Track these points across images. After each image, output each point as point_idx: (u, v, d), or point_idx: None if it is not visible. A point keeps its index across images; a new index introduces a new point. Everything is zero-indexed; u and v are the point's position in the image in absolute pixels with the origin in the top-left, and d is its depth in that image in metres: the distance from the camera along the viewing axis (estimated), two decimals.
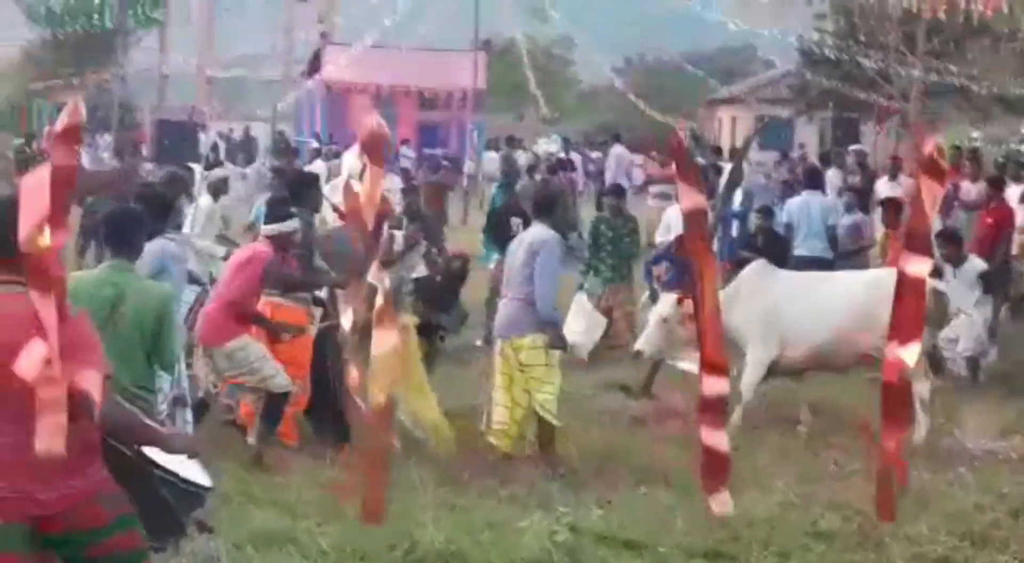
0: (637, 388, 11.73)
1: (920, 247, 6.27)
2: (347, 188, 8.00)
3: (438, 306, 11.57)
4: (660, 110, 43.16)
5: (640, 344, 10.81)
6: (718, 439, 5.87)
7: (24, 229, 4.09)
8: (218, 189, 13.63)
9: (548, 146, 35.11)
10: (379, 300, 5.75)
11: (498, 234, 14.52)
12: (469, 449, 9.38)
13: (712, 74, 48.69)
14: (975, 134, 34.44)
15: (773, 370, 10.47)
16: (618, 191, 14.94)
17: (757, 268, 10.97)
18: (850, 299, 10.37)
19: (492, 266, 14.35)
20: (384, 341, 5.40)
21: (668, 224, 13.62)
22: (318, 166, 25.58)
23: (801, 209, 14.63)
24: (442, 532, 7.18)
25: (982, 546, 7.50)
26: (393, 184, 14.48)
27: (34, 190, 4.12)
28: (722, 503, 6.69)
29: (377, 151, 6.35)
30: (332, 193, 14.02)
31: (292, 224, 9.36)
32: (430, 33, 40.21)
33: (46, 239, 4.09)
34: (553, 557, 6.95)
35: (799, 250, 14.08)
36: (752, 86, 52.07)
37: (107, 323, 6.12)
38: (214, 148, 38.41)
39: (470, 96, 40.03)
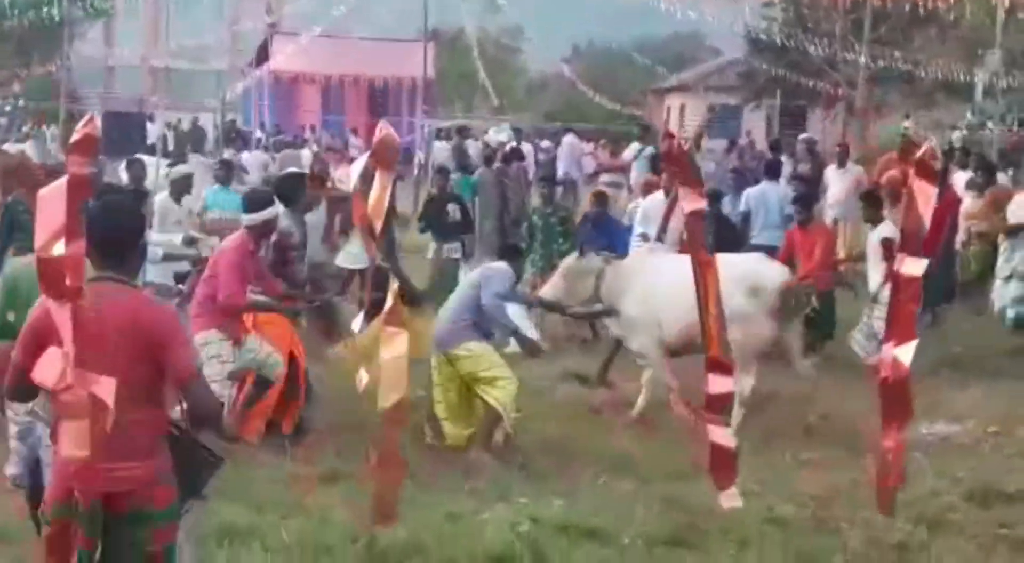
0: (593, 378, 11.79)
1: (914, 247, 6.39)
2: (356, 194, 8.06)
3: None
4: (609, 98, 43.34)
5: (543, 291, 11.04)
6: (724, 436, 5.94)
7: (40, 238, 4.26)
8: (181, 189, 12.75)
9: (498, 135, 35.06)
10: (388, 302, 5.78)
11: (435, 222, 14.64)
12: (425, 442, 9.46)
13: (661, 62, 48.90)
14: (906, 124, 34.70)
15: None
16: (549, 182, 15.06)
17: (642, 251, 11.14)
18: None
19: (432, 255, 14.48)
20: (394, 343, 5.46)
21: (646, 214, 13.67)
22: (250, 157, 25.49)
23: (759, 199, 14.73)
24: (404, 525, 7.21)
25: (938, 531, 7.61)
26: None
27: (51, 200, 4.27)
28: (731, 498, 6.78)
29: (387, 157, 6.42)
30: None
31: (272, 211, 9.32)
32: (379, 23, 40.16)
33: (61, 247, 4.22)
34: (515, 548, 6.99)
35: (757, 239, 14.14)
36: (701, 74, 52.39)
37: None
38: (162, 139, 38.24)
39: (420, 86, 39.96)
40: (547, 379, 11.61)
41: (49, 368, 4.28)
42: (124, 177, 14.19)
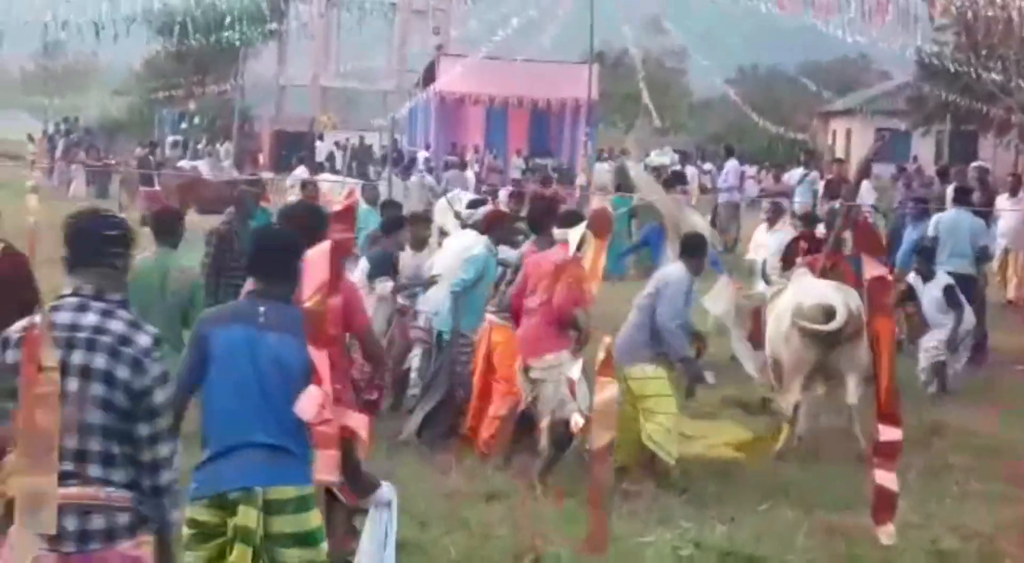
0: (755, 404, 11.73)
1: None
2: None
3: None
4: (773, 121, 42.95)
5: None
6: (889, 480, 6.04)
7: (307, 293, 5.09)
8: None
9: (660, 158, 35.04)
10: (601, 353, 6.04)
11: None
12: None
13: (827, 85, 48.27)
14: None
15: None
16: None
17: None
18: None
19: None
20: (606, 390, 5.78)
21: (757, 242, 13.68)
22: (416, 182, 25.81)
23: (950, 225, 14.21)
24: (566, 545, 7.30)
25: None
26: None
27: (317, 259, 5.05)
28: (888, 534, 6.89)
29: (601, 227, 6.79)
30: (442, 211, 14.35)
31: (583, 227, 9.50)
32: (543, 45, 40.41)
33: (325, 301, 4.84)
34: None
35: (946, 266, 13.49)
36: (868, 98, 51.51)
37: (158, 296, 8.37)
38: (330, 157, 39.11)
39: (583, 107, 40.08)
40: (709, 405, 11.56)
41: (310, 404, 4.79)
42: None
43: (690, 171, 29.86)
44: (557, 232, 9.44)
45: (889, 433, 5.78)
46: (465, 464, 9.22)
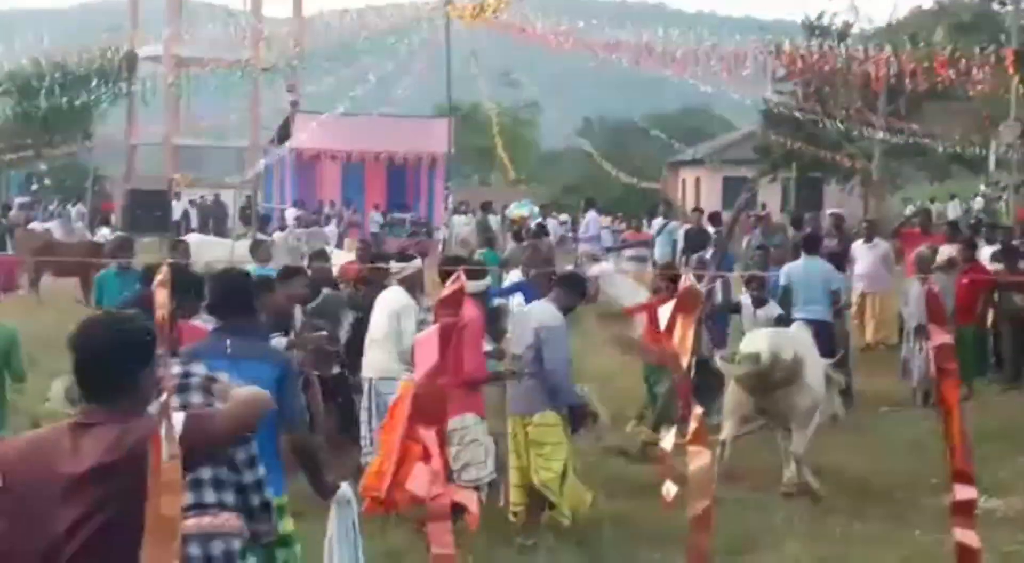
0: (635, 452, 11.89)
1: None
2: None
3: None
4: (626, 172, 43.73)
5: None
6: (970, 538, 6.23)
7: (417, 375, 5.22)
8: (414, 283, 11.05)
9: (519, 210, 35.37)
10: (693, 423, 6.11)
11: None
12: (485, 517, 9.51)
13: (674, 135, 49.35)
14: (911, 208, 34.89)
15: None
16: None
17: None
18: None
19: None
20: (699, 458, 5.84)
21: None
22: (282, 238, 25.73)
23: (801, 273, 14.53)
24: None
25: None
26: None
27: (426, 344, 5.21)
28: None
29: (688, 305, 6.89)
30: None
31: (488, 280, 9.74)
32: (396, 100, 40.66)
33: (435, 383, 5.09)
34: None
35: (800, 314, 13.62)
36: (716, 147, 52.77)
37: None
38: (185, 216, 38.67)
39: (439, 161, 40.30)
40: (590, 454, 11.67)
41: (420, 480, 4.97)
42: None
43: (551, 223, 30.20)
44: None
45: (964, 492, 5.94)
46: (369, 526, 9.20)
